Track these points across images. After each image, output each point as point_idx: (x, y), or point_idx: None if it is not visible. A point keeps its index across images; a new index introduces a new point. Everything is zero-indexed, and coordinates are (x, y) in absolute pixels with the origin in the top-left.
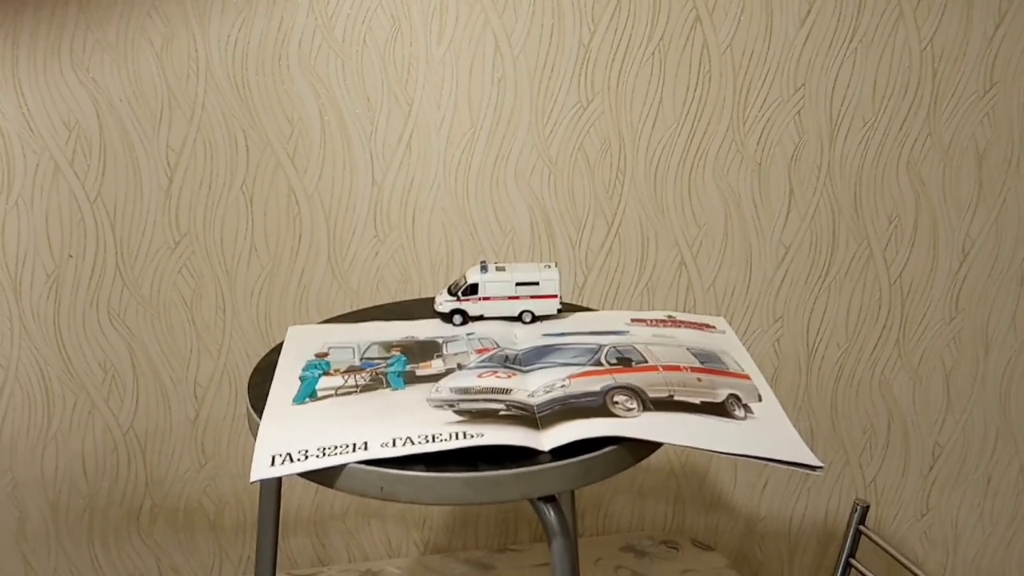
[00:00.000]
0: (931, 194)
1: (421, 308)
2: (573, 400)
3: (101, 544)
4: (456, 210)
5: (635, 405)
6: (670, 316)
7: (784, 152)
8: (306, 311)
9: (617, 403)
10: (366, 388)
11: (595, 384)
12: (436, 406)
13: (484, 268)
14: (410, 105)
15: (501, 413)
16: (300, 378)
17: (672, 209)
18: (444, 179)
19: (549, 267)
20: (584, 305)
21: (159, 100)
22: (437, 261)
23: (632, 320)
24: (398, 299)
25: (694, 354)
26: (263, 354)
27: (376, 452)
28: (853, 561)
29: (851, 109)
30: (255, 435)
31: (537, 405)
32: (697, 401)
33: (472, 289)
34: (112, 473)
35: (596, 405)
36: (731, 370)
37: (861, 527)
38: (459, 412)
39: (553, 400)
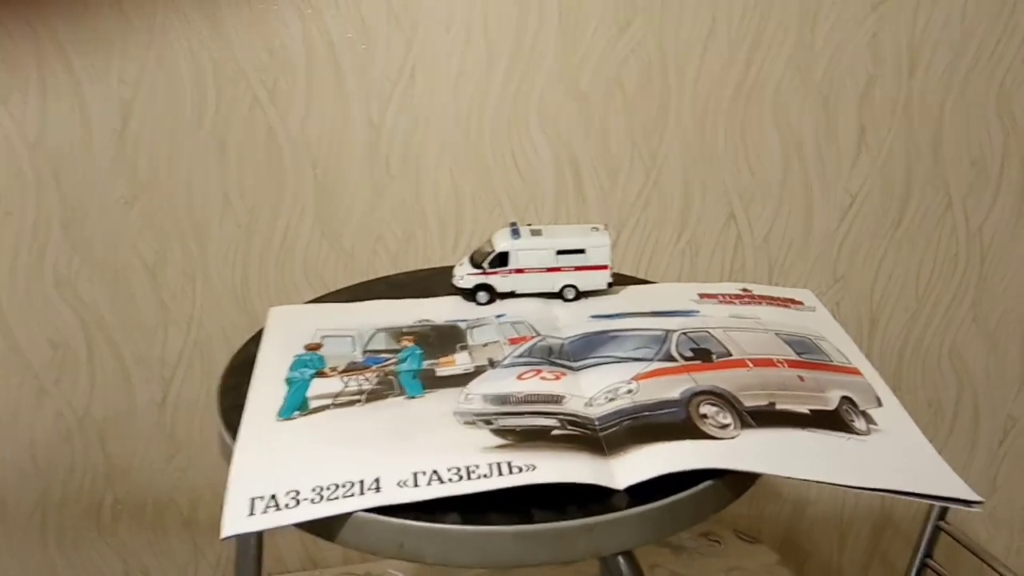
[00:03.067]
0: (1022, 132)
1: (435, 280)
2: (647, 413)
3: (58, 545)
4: (468, 156)
5: (730, 420)
6: (746, 289)
7: (855, 84)
8: (291, 276)
9: (706, 417)
10: (373, 395)
11: (671, 388)
12: (467, 422)
13: (516, 232)
14: (414, 28)
15: (555, 432)
16: (287, 381)
17: (722, 152)
18: (454, 118)
19: (597, 230)
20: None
21: (107, 23)
22: (446, 217)
23: (701, 295)
24: (399, 261)
25: (786, 341)
26: (240, 327)
27: (392, 495)
28: (931, 562)
29: (935, 32)
30: (228, 462)
31: (599, 418)
32: (805, 410)
33: (501, 259)
34: (67, 465)
35: (679, 420)
36: (835, 362)
37: (941, 523)
38: (499, 432)
39: (620, 412)
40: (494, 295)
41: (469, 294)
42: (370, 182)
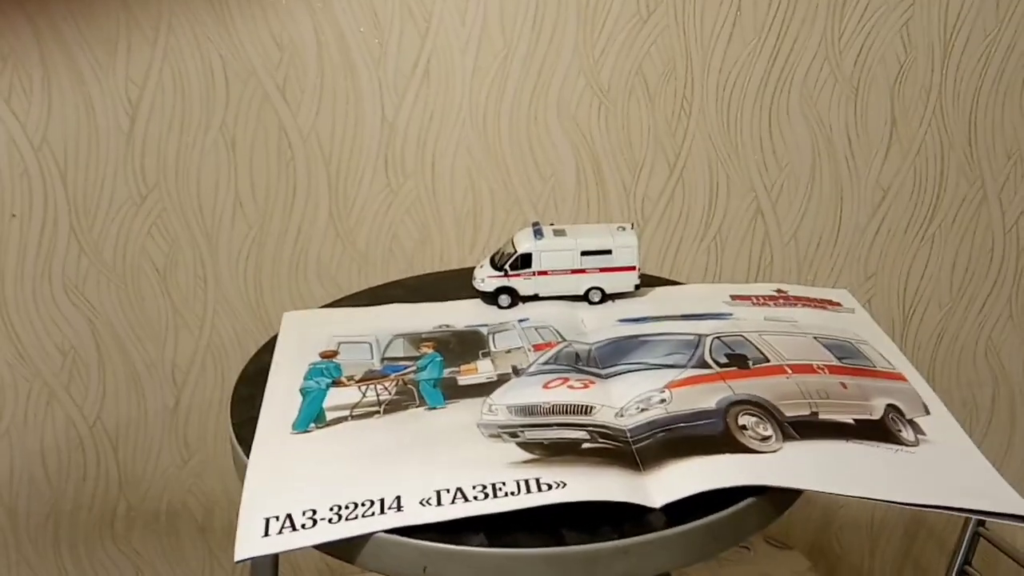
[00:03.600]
0: None
1: (454, 283)
2: (683, 425)
3: (70, 553)
4: (485, 152)
5: (771, 431)
6: (780, 290)
7: (887, 73)
8: (304, 278)
9: (746, 429)
10: (392, 406)
11: (707, 396)
12: (492, 435)
13: (538, 232)
14: (428, 21)
15: (585, 446)
16: (301, 391)
17: (748, 146)
18: (470, 114)
19: (624, 229)
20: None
21: (113, 20)
22: (462, 216)
23: (733, 297)
24: (415, 263)
25: (825, 345)
26: (254, 331)
27: (415, 514)
28: (970, 569)
29: (970, 19)
30: (241, 478)
31: (631, 430)
32: (850, 420)
33: (524, 261)
34: (79, 472)
35: (716, 432)
36: (879, 368)
37: (981, 529)
38: (526, 445)
39: (653, 424)
40: (516, 298)
41: (490, 297)
42: (384, 180)
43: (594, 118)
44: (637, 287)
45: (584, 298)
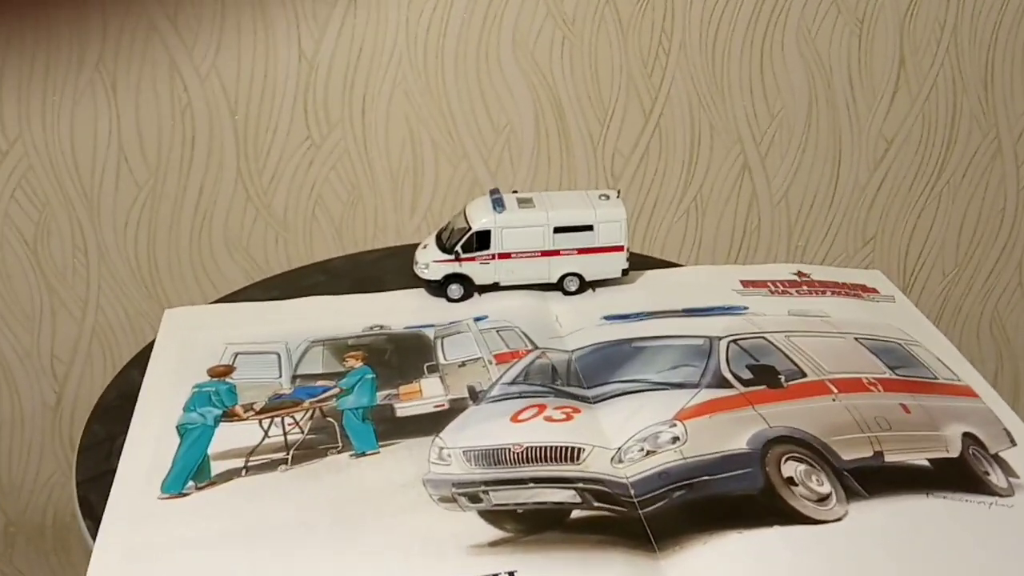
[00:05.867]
0: None
1: (391, 264)
2: (707, 478)
3: None
4: (426, 96)
5: (828, 486)
6: (801, 273)
7: (897, 5)
8: (209, 249)
9: (794, 483)
10: (304, 452)
11: (733, 432)
12: (444, 499)
13: (498, 203)
14: None
15: (576, 514)
16: (179, 429)
17: (736, 89)
18: (407, 49)
19: (607, 198)
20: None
21: None
22: (399, 173)
23: (745, 283)
24: (344, 230)
25: (870, 349)
26: (149, 313)
27: None
28: None
29: None
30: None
31: (635, 484)
32: (923, 461)
33: (480, 240)
34: None
35: (755, 489)
36: (941, 379)
37: None
38: (492, 515)
39: (666, 476)
40: (471, 289)
41: (438, 288)
42: (304, 131)
43: (556, 54)
44: (625, 273)
45: (558, 287)
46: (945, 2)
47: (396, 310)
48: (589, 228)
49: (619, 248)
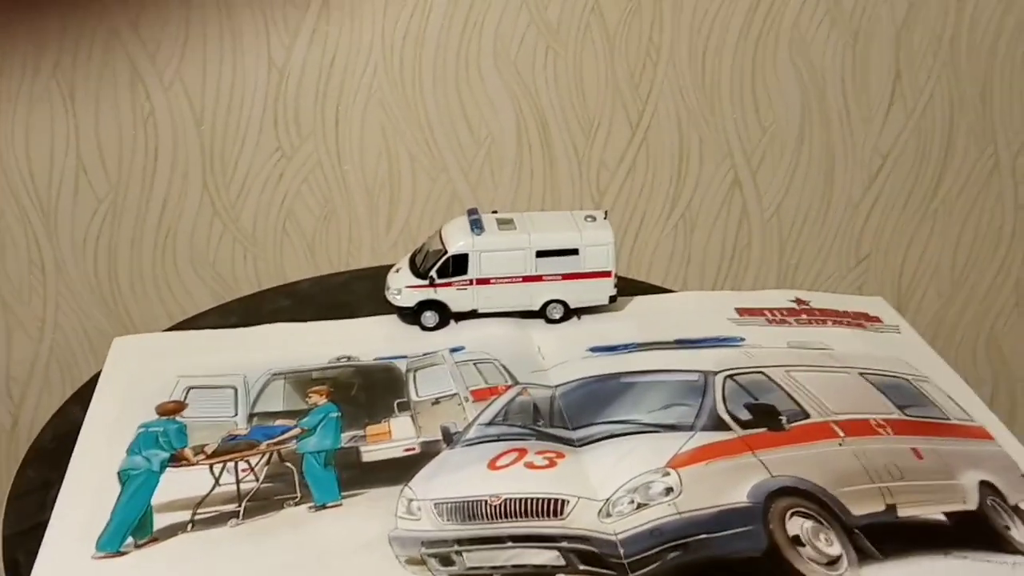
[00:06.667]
0: None
1: (362, 288)
2: (704, 536)
3: None
4: (403, 106)
5: (838, 546)
6: (800, 300)
7: (893, 15)
8: (174, 266)
9: (800, 543)
10: (258, 504)
11: (732, 482)
12: (412, 561)
13: (476, 224)
14: None
15: None
16: (120, 475)
17: (726, 102)
18: (383, 57)
19: (592, 219)
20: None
21: None
22: (375, 187)
23: (741, 311)
24: (317, 246)
25: (876, 385)
26: (109, 332)
27: None
28: None
29: None
30: None
31: (624, 542)
32: (939, 515)
33: (457, 264)
34: None
35: (758, 550)
36: (953, 419)
37: None
38: None
39: (659, 533)
40: (447, 316)
41: (411, 314)
42: (274, 142)
43: (539, 64)
44: (612, 299)
45: (541, 315)
46: (943, 14)
47: (366, 339)
48: (574, 252)
49: (606, 273)
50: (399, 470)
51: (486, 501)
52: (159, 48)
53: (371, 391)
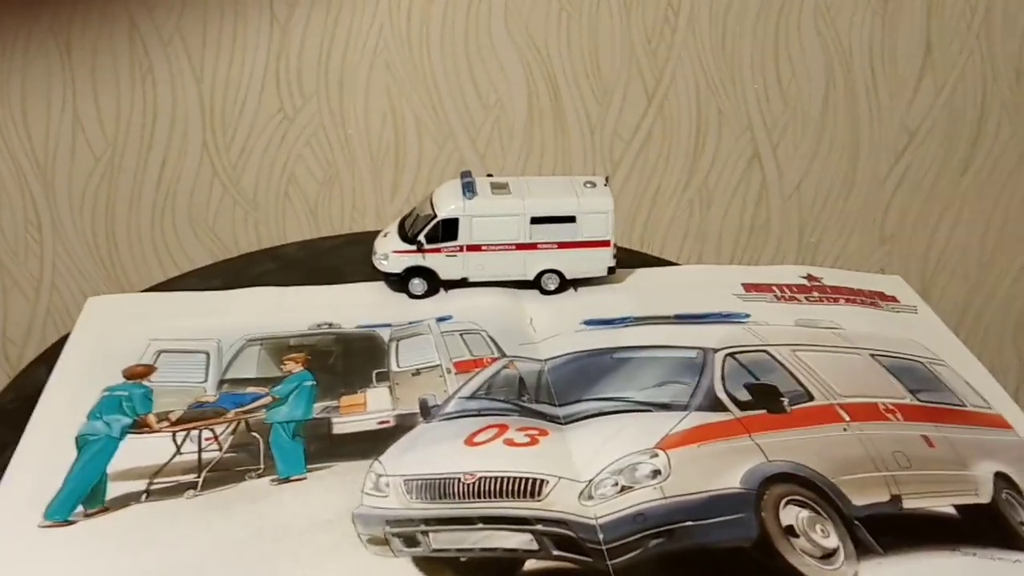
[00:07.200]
0: None
1: (352, 253)
2: (690, 524)
3: None
4: (409, 68)
5: (834, 538)
6: (811, 276)
7: None
8: (173, 227)
9: (794, 533)
10: (218, 475)
11: (724, 466)
12: (374, 540)
13: (469, 187)
14: None
15: (530, 565)
16: (78, 440)
17: (747, 72)
18: (389, 17)
19: (593, 185)
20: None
21: None
22: (379, 152)
23: (747, 287)
24: (319, 211)
25: (888, 368)
26: (106, 294)
27: None
28: None
29: None
30: None
31: (605, 526)
32: (948, 507)
33: (447, 229)
34: None
35: (748, 540)
36: (969, 406)
37: None
38: (429, 564)
39: (642, 518)
40: (436, 284)
41: (399, 281)
42: (276, 103)
43: (552, 28)
44: (611, 271)
45: (535, 285)
46: None
47: (350, 306)
48: (571, 219)
49: (605, 243)
50: (371, 443)
51: (459, 479)
52: (158, 2)
53: (350, 360)
